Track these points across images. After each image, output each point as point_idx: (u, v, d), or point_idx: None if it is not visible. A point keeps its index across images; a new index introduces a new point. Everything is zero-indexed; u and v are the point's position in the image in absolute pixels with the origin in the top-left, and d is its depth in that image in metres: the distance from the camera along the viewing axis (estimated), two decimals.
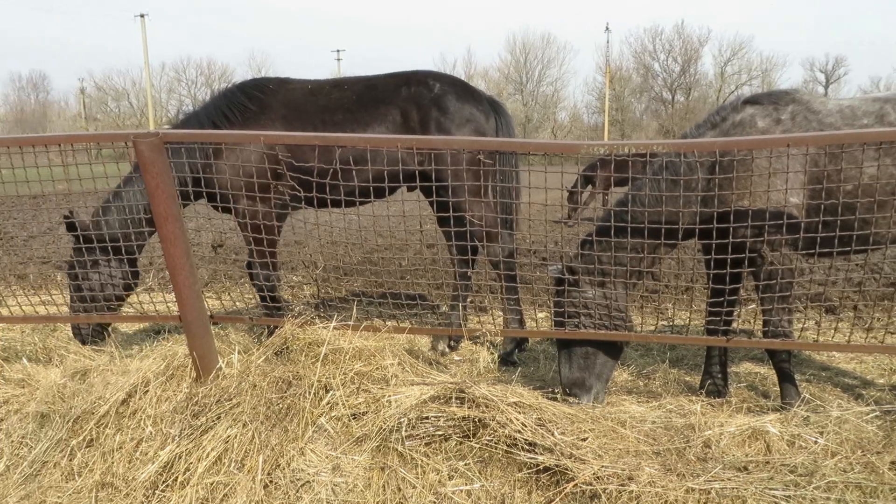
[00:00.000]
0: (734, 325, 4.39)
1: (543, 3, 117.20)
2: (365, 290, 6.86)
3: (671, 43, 66.47)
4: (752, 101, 4.01)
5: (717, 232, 3.67)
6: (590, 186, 15.43)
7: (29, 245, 11.01)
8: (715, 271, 3.80)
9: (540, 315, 6.06)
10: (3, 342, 4.73)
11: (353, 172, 4.62)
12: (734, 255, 3.63)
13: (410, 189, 5.32)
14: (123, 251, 4.59)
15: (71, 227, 4.63)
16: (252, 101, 4.92)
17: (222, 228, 6.44)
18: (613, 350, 4.03)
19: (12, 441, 3.70)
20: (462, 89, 5.22)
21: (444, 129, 4.98)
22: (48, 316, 4.24)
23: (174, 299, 3.83)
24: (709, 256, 3.99)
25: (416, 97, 5.02)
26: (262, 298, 4.81)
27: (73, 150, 3.87)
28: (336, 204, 4.76)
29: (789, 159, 3.56)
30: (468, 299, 5.53)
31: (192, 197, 4.54)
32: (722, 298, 3.91)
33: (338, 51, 78.12)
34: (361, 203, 4.74)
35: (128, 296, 4.92)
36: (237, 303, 5.89)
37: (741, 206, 3.76)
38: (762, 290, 3.82)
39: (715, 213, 3.76)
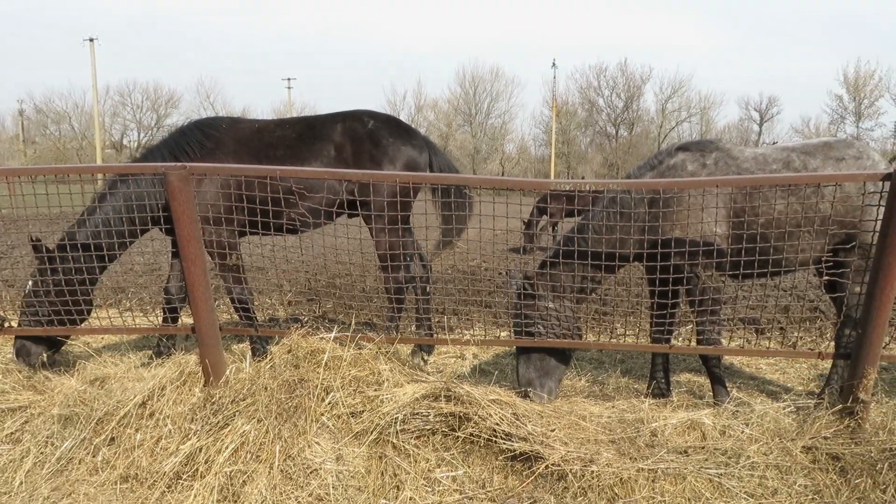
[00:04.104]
0: (673, 338, 5.10)
1: (492, 38, 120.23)
2: (335, 311, 7.37)
3: (615, 80, 69.15)
4: (684, 147, 4.80)
5: (657, 256, 4.37)
6: (544, 216, 16.27)
7: None
8: (656, 289, 4.46)
9: (503, 333, 6.67)
10: (9, 354, 5.07)
11: (296, 202, 5.09)
12: (672, 276, 4.33)
13: (351, 216, 5.71)
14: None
15: (37, 249, 4.92)
16: (208, 138, 5.42)
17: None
18: (563, 355, 4.69)
19: (38, 441, 4.07)
20: (395, 125, 5.73)
21: (377, 161, 5.47)
22: (66, 328, 4.65)
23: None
24: (651, 276, 4.70)
25: (350, 132, 5.53)
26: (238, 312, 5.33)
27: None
28: (281, 229, 5.26)
29: (715, 197, 4.31)
30: (399, 319, 5.88)
31: (159, 222, 5.08)
32: (663, 312, 4.60)
33: (288, 79, 78.13)
34: (305, 229, 5.28)
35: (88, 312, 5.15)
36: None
37: (676, 236, 4.48)
38: (695, 305, 4.53)
39: (657, 241, 4.46)
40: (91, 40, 54.57)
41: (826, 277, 4.73)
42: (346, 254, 5.20)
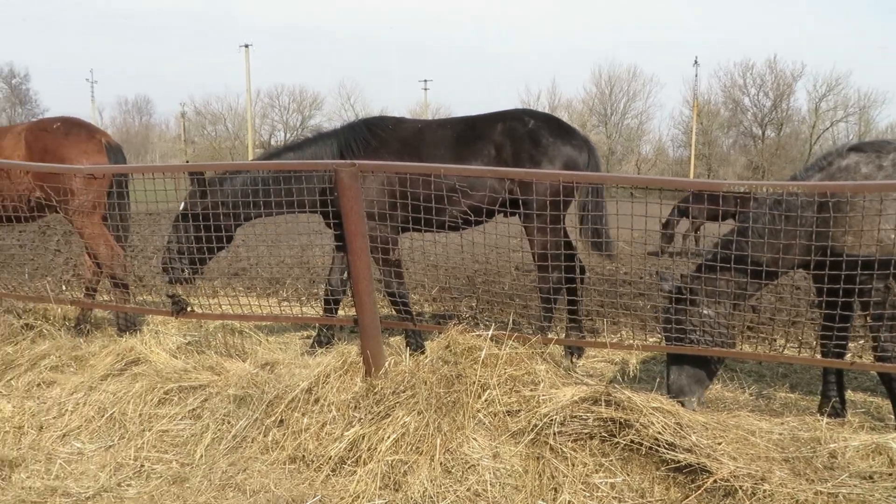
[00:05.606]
0: (847, 353, 4.73)
1: (630, 36, 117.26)
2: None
3: (762, 77, 65.14)
4: (857, 148, 4.45)
5: (828, 265, 4.06)
6: (683, 219, 15.66)
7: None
8: (839, 299, 4.15)
9: (651, 339, 6.46)
10: (193, 338, 5.51)
11: (459, 199, 5.20)
12: (853, 287, 4.02)
13: (507, 216, 5.74)
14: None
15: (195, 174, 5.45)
16: (374, 137, 5.67)
17: None
18: (712, 365, 4.52)
19: (216, 418, 4.38)
20: (555, 125, 5.73)
21: (536, 161, 5.45)
22: (242, 315, 4.99)
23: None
24: (830, 286, 4.38)
25: (511, 132, 5.55)
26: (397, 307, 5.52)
27: None
28: (443, 226, 5.37)
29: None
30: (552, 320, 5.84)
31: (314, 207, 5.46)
32: (845, 324, 4.28)
33: (425, 80, 79.74)
34: (464, 227, 5.35)
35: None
36: None
37: (850, 243, 4.15)
38: (872, 319, 4.18)
39: (829, 248, 4.15)
40: (246, 46, 58.33)
41: None
42: (493, 252, 5.22)
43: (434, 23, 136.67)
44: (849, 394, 5.33)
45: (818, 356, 4.58)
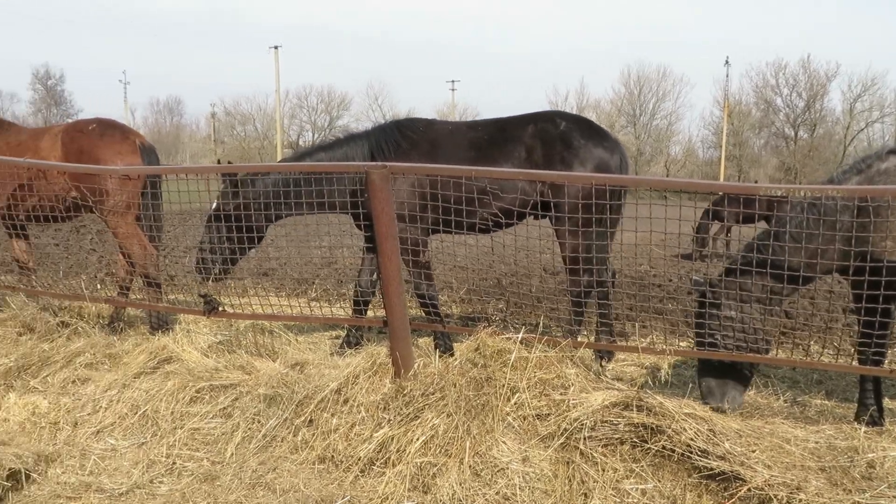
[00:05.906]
0: (886, 361, 4.62)
1: (660, 36, 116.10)
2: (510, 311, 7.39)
3: (796, 77, 63.93)
4: None
5: (866, 270, 3.97)
6: (716, 221, 15.47)
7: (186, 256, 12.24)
8: (879, 306, 4.06)
9: (683, 343, 6.38)
10: (224, 337, 5.56)
11: (490, 201, 5.17)
12: (885, 292, 3.92)
13: (537, 218, 5.75)
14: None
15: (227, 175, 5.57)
16: (405, 139, 5.65)
17: None
18: (747, 368, 4.45)
19: (246, 417, 4.40)
20: (587, 126, 5.68)
21: (567, 163, 5.40)
22: (273, 314, 5.02)
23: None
24: (858, 291, 4.29)
25: (542, 134, 5.50)
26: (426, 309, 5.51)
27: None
28: (473, 228, 5.35)
29: None
30: (581, 324, 5.84)
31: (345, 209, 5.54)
32: (884, 332, 4.18)
33: (452, 81, 79.88)
34: (495, 229, 5.33)
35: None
36: None
37: (890, 248, 4.05)
38: None
39: (867, 253, 4.06)
40: (275, 48, 58.89)
41: None
42: (521, 254, 5.21)
43: (461, 23, 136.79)
44: (886, 402, 5.22)
45: (855, 363, 4.50)
